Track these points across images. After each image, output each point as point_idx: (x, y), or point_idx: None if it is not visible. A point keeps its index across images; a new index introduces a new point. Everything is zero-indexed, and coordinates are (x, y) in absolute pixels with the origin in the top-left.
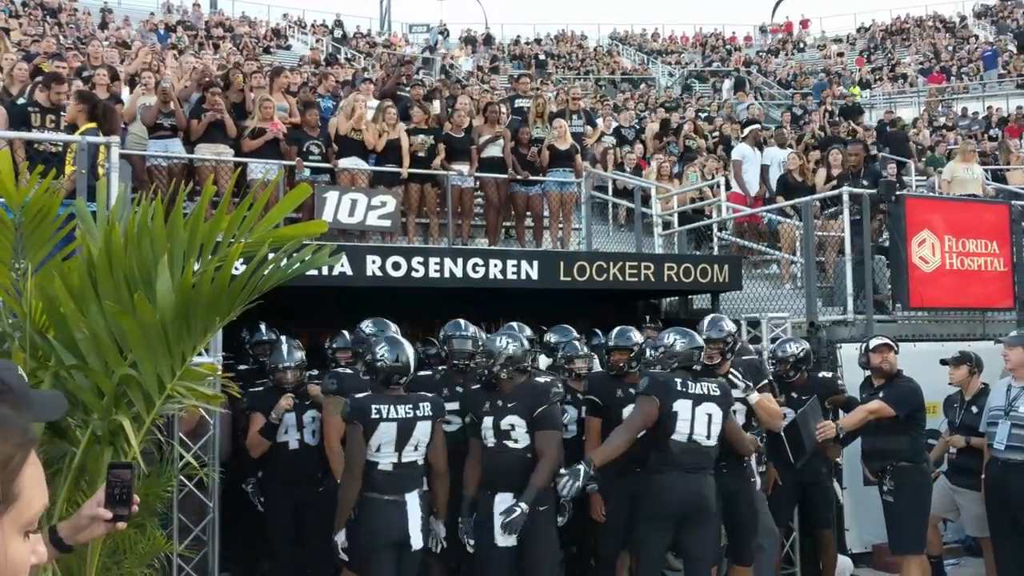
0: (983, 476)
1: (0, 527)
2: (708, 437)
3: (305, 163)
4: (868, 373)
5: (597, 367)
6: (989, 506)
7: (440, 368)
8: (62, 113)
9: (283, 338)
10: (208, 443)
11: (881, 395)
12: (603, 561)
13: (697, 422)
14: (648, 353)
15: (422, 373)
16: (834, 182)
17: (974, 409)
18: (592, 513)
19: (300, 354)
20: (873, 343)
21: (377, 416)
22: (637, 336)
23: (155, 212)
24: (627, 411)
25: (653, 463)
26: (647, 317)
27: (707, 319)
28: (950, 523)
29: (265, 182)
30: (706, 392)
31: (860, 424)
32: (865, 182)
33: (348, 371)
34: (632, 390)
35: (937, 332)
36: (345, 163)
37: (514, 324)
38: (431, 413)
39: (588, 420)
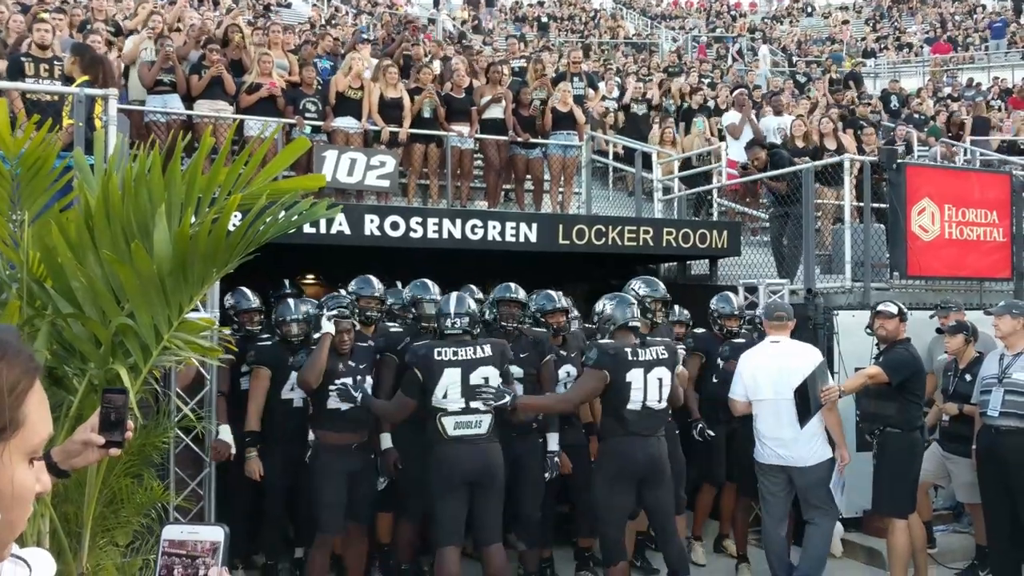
0: (974, 445)
1: (7, 452)
2: (660, 400)
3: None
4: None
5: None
6: (981, 473)
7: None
8: (56, 62)
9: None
10: (205, 398)
11: (880, 360)
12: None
13: (650, 389)
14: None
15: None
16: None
17: (968, 377)
18: (563, 468)
19: (306, 307)
20: (878, 308)
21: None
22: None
23: (153, 163)
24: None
25: (610, 431)
26: None
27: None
28: (941, 489)
29: (262, 137)
30: (655, 357)
31: (860, 388)
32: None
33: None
34: (558, 351)
35: (934, 301)
36: (337, 123)
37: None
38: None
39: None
